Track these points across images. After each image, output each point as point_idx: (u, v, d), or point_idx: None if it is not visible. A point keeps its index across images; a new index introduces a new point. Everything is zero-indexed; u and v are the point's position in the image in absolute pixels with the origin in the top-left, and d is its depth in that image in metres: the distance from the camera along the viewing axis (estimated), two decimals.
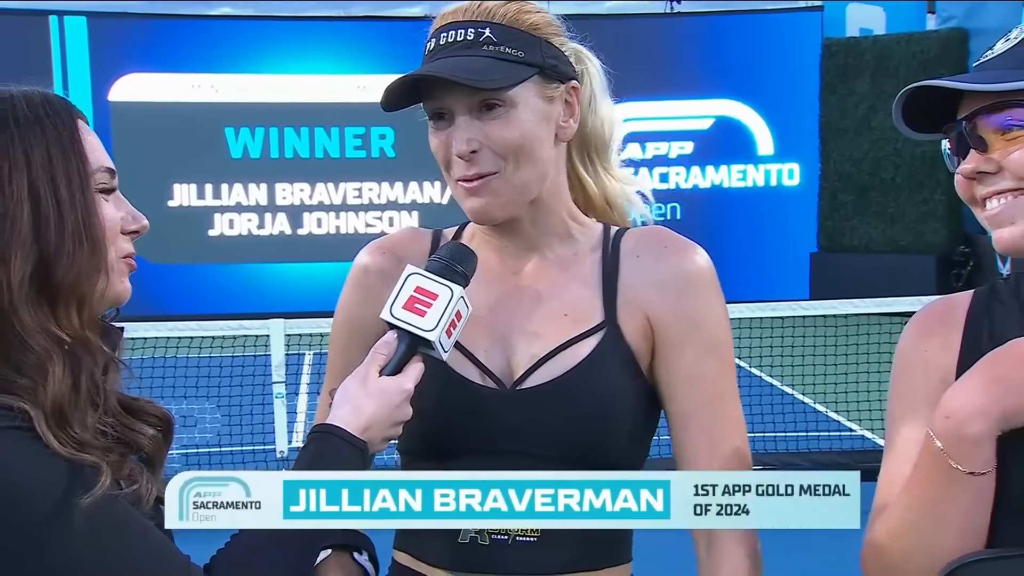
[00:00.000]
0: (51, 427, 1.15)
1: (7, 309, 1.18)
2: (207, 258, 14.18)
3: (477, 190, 1.47)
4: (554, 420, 1.47)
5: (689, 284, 1.51)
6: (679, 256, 1.52)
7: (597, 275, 1.54)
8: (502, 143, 1.45)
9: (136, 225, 1.32)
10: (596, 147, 1.61)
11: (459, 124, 1.46)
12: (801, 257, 14.60)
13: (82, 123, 1.29)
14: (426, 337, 1.38)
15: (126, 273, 1.31)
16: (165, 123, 13.57)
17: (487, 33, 1.46)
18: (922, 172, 13.61)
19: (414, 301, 1.39)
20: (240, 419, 6.89)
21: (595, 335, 1.50)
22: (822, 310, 7.44)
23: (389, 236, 1.66)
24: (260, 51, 14.07)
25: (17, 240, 1.18)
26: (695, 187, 14.82)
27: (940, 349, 1.31)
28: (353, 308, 1.62)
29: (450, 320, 1.39)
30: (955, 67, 13.21)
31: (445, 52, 1.47)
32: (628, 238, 1.56)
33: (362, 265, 1.62)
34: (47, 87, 1.29)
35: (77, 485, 1.14)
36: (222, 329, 6.81)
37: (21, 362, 1.18)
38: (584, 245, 1.57)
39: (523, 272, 1.56)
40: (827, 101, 14.46)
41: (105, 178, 1.28)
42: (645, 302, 1.51)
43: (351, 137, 14.42)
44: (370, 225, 14.34)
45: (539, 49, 1.48)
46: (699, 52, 14.57)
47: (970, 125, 1.27)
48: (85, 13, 14.25)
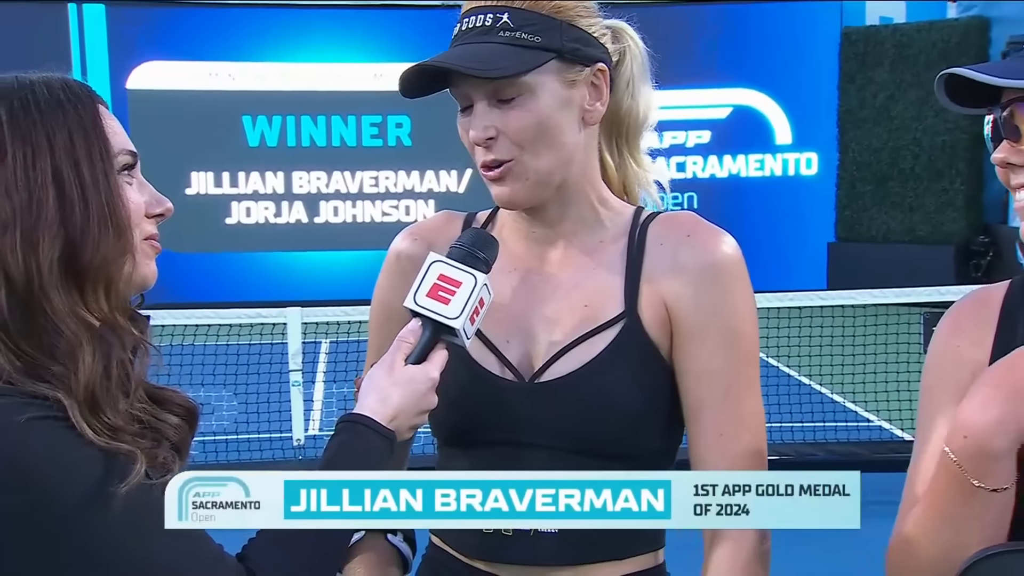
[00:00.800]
0: (84, 415, 1.16)
1: (38, 293, 1.18)
2: (224, 246, 14.22)
3: (499, 177, 1.47)
4: (573, 413, 1.46)
5: (709, 273, 1.48)
6: (702, 244, 1.49)
7: (621, 263, 1.52)
8: (518, 130, 1.44)
9: (160, 208, 1.32)
10: (628, 131, 1.59)
11: (477, 111, 1.46)
12: (819, 247, 14.55)
13: (102, 107, 1.29)
14: (450, 325, 1.38)
15: (151, 255, 1.31)
16: (183, 111, 13.60)
17: (504, 18, 1.44)
18: (941, 162, 13.53)
19: (437, 289, 1.39)
20: (257, 407, 6.91)
21: (615, 326, 1.48)
22: (840, 300, 7.40)
23: (423, 221, 1.66)
24: (277, 39, 14.08)
25: (44, 224, 1.19)
26: (712, 176, 14.78)
27: (972, 345, 1.29)
28: (386, 294, 1.62)
29: (473, 307, 1.39)
30: (976, 55, 13.12)
31: (464, 39, 1.46)
32: (656, 224, 1.54)
33: (395, 251, 1.62)
34: (66, 74, 1.29)
35: (113, 473, 1.15)
36: (239, 317, 6.82)
37: (54, 347, 1.18)
38: (611, 232, 1.54)
39: (548, 259, 1.55)
40: (846, 90, 14.38)
41: (128, 160, 1.28)
42: (664, 291, 1.49)
43: (368, 125, 14.42)
44: (387, 214, 14.36)
45: (559, 32, 1.45)
46: (717, 41, 14.51)
47: (1007, 113, 1.25)
48: (104, 1, 14.28)
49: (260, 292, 12.65)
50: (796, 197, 14.66)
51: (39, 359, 1.18)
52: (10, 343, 1.18)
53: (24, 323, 1.19)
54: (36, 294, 1.18)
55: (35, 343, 1.19)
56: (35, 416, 1.14)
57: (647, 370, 1.48)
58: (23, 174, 1.19)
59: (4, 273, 1.18)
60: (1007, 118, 1.25)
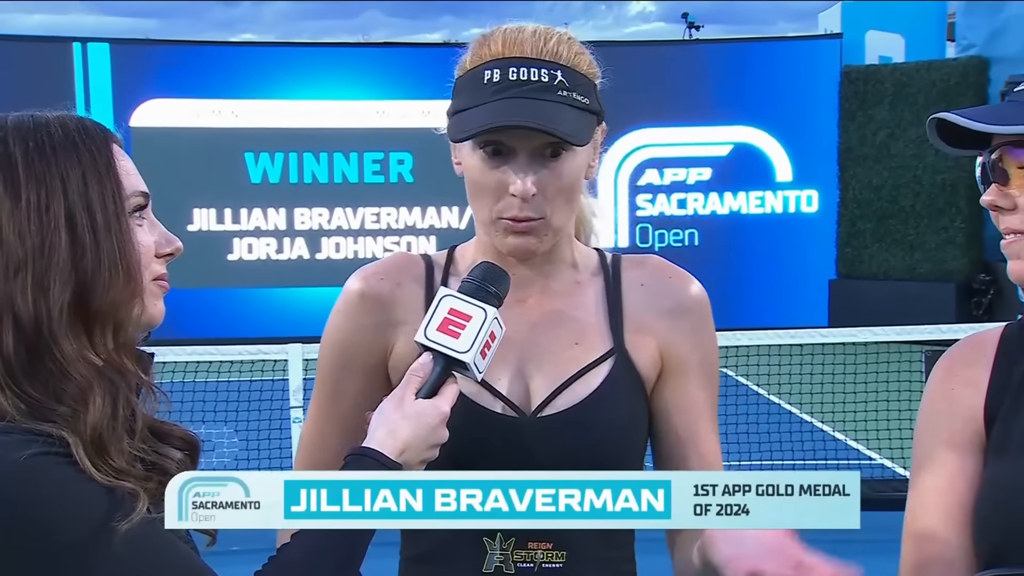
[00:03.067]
0: (89, 455, 1.15)
1: (47, 337, 1.17)
2: (226, 282, 14.22)
3: (526, 231, 1.47)
4: (575, 446, 1.48)
5: (695, 314, 1.56)
6: (683, 287, 1.57)
7: (602, 302, 1.56)
8: (557, 188, 1.45)
9: (170, 248, 1.31)
10: None
11: (520, 164, 1.44)
12: (820, 284, 14.54)
13: (117, 147, 1.28)
14: (461, 359, 1.37)
15: (159, 295, 1.30)
16: (186, 148, 13.65)
17: (560, 77, 1.43)
18: (942, 199, 13.56)
19: (448, 323, 1.38)
20: (258, 443, 6.89)
21: (606, 362, 1.52)
22: (841, 337, 7.39)
23: (381, 261, 1.64)
24: (280, 77, 14.15)
25: (55, 268, 1.18)
26: (713, 213, 14.80)
27: (966, 388, 1.29)
28: (344, 335, 1.59)
29: (484, 341, 1.39)
30: (975, 95, 13.19)
31: (519, 91, 1.43)
32: (630, 266, 1.59)
33: (356, 290, 1.58)
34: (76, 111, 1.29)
35: (115, 510, 1.14)
36: (240, 353, 6.81)
37: (61, 391, 1.17)
38: (584, 273, 1.58)
39: (528, 300, 1.56)
40: (846, 128, 14.44)
41: (139, 202, 1.28)
42: (655, 331, 1.54)
43: (370, 162, 14.46)
44: (388, 250, 14.36)
45: (596, 94, 1.49)
46: (718, 79, 14.58)
47: (996, 156, 1.25)
48: (108, 40, 14.38)
49: (262, 328, 12.63)
50: (797, 234, 14.67)
51: (44, 402, 1.17)
52: (15, 386, 1.17)
53: (31, 366, 1.18)
54: (45, 337, 1.18)
55: (41, 386, 1.18)
56: (37, 452, 1.13)
57: (636, 403, 1.54)
58: (36, 217, 1.18)
59: (13, 316, 1.17)
60: (995, 161, 1.25)
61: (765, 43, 15.47)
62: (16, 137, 1.21)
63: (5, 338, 1.17)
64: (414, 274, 1.58)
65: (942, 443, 1.28)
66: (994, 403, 1.24)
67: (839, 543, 4.61)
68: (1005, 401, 1.26)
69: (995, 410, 1.26)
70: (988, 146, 1.26)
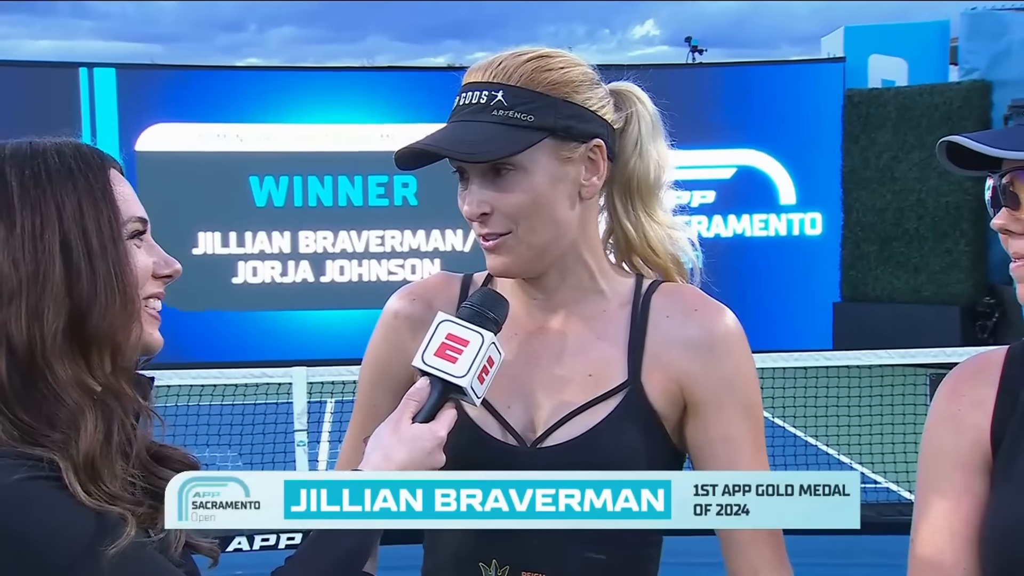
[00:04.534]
0: (81, 480, 1.15)
1: (40, 363, 1.18)
2: (230, 305, 14.23)
3: (493, 249, 1.48)
4: None
5: (719, 346, 1.50)
6: (709, 319, 1.52)
7: (624, 333, 1.53)
8: (511, 207, 1.45)
9: (169, 269, 1.32)
10: (640, 191, 1.58)
11: (471, 188, 1.47)
12: (824, 307, 14.52)
13: (115, 173, 1.29)
14: (458, 383, 1.38)
15: (154, 324, 1.30)
16: (191, 172, 13.69)
17: (499, 97, 1.44)
18: (946, 222, 13.55)
19: (445, 348, 1.39)
20: (262, 467, 6.87)
21: (617, 395, 1.49)
22: (845, 360, 7.37)
23: (420, 282, 1.67)
24: (285, 101, 14.20)
25: (50, 295, 1.18)
26: (717, 236, 14.79)
27: (972, 408, 1.29)
28: (381, 353, 1.63)
29: (481, 366, 1.38)
30: (978, 119, 13.20)
31: (459, 115, 1.47)
32: (659, 296, 1.55)
33: (392, 310, 1.62)
34: (77, 138, 1.30)
35: (103, 535, 1.13)
36: (244, 377, 6.80)
37: (54, 416, 1.17)
38: (613, 301, 1.55)
39: (549, 327, 1.55)
40: (849, 151, 14.45)
41: (137, 227, 1.28)
42: (674, 365, 1.50)
43: (374, 185, 14.48)
44: (392, 273, 14.37)
45: (553, 110, 1.45)
46: (721, 102, 14.61)
47: (1007, 180, 1.25)
48: (114, 65, 14.44)
49: (266, 351, 12.63)
50: (801, 257, 14.66)
51: (37, 427, 1.17)
52: (8, 411, 1.17)
53: (24, 391, 1.18)
54: (39, 363, 1.18)
55: (34, 412, 1.18)
56: (26, 477, 1.12)
57: (649, 438, 1.49)
58: (31, 245, 1.19)
59: (7, 342, 1.17)
60: (1006, 186, 1.25)
61: (768, 67, 15.51)
62: (12, 166, 1.22)
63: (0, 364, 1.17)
64: (448, 296, 1.60)
65: (949, 464, 1.27)
66: (1000, 424, 1.24)
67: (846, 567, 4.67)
68: (1011, 423, 1.26)
69: (1001, 432, 1.25)
70: (995, 167, 1.26)
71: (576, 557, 1.47)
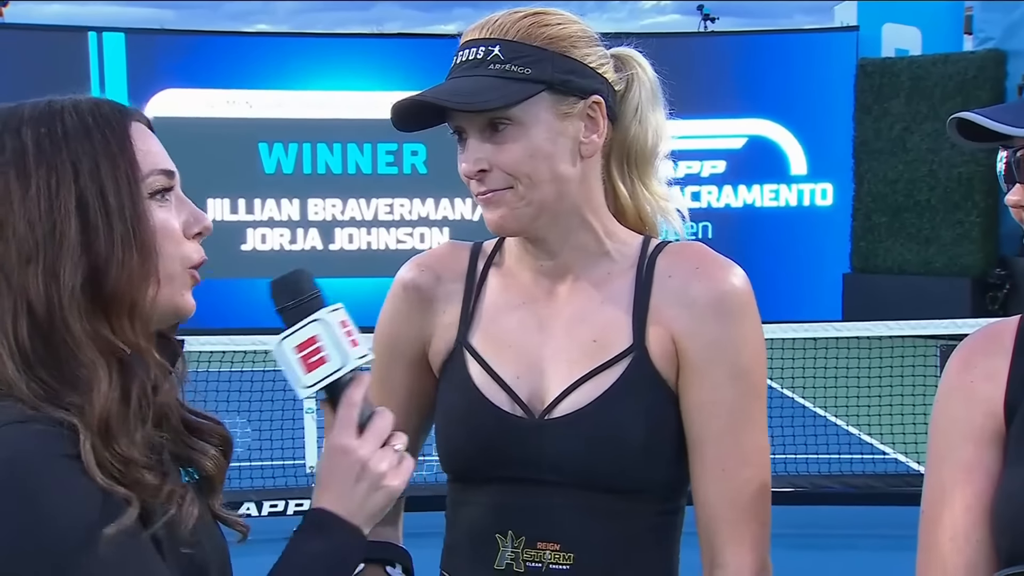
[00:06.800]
0: (96, 446, 1.14)
1: (59, 323, 1.17)
2: (239, 272, 14.23)
3: (489, 203, 1.46)
4: (582, 449, 1.45)
5: (718, 307, 1.46)
6: (710, 277, 1.48)
7: (629, 296, 1.50)
8: (509, 163, 1.43)
9: (199, 226, 1.29)
10: (636, 158, 1.56)
11: (469, 145, 1.45)
12: (834, 278, 14.50)
13: (139, 127, 1.27)
14: (349, 372, 1.29)
15: (188, 286, 1.28)
16: (200, 138, 13.67)
17: (495, 51, 1.43)
18: (958, 194, 13.50)
19: (307, 359, 1.29)
20: (271, 434, 6.90)
21: (623, 360, 1.47)
22: (855, 332, 7.38)
23: (429, 251, 1.65)
24: (294, 68, 14.17)
25: (66, 254, 1.17)
26: (727, 206, 14.77)
27: (985, 380, 1.26)
28: (392, 327, 1.62)
29: (347, 340, 1.29)
30: (992, 89, 13.12)
31: (456, 72, 1.46)
32: (664, 256, 1.52)
33: (402, 281, 1.61)
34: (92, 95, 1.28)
35: (106, 514, 1.12)
36: (253, 344, 6.81)
37: (75, 376, 1.17)
38: (619, 264, 1.52)
39: (555, 292, 1.53)
40: (861, 121, 14.38)
41: (160, 181, 1.26)
42: (672, 324, 1.47)
43: (383, 153, 14.47)
44: (401, 241, 14.38)
45: (551, 64, 1.44)
46: (733, 71, 14.54)
47: (1022, 155, 1.24)
48: (124, 30, 14.41)
49: (275, 319, 12.62)
50: (811, 228, 14.63)
51: (58, 388, 1.16)
52: (30, 372, 1.16)
53: (46, 352, 1.17)
54: (57, 323, 1.17)
55: (56, 372, 1.17)
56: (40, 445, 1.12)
57: (656, 404, 1.47)
58: (47, 204, 1.18)
59: (27, 304, 1.17)
60: (1021, 159, 1.24)
61: (781, 36, 15.41)
62: (29, 126, 1.21)
63: (20, 326, 1.17)
64: (455, 268, 1.58)
65: (960, 436, 1.26)
66: (1014, 396, 1.23)
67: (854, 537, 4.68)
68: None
69: (1016, 403, 1.24)
70: (1007, 139, 1.25)
71: (591, 527, 1.47)
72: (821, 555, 5.52)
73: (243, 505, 5.50)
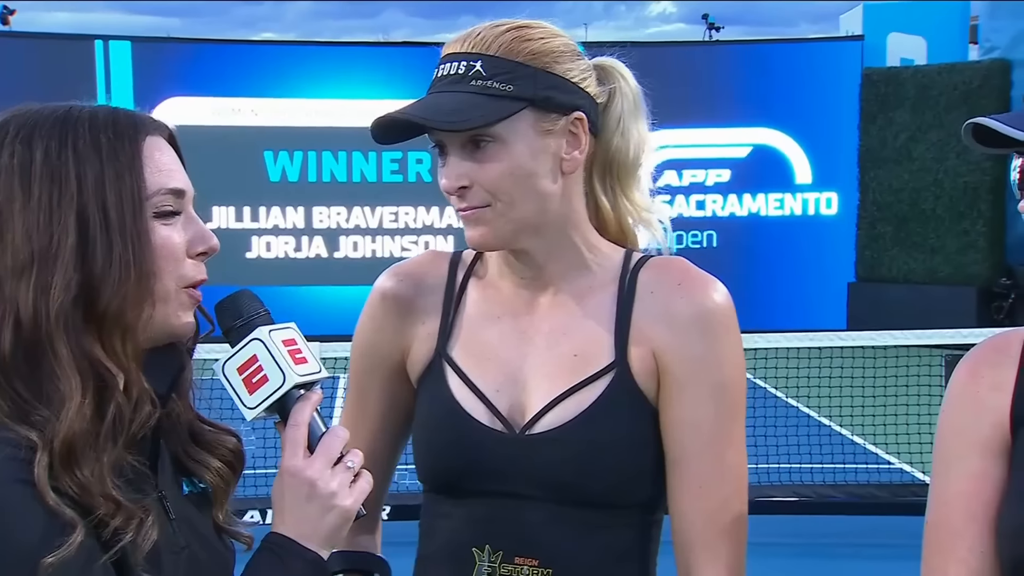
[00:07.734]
0: (54, 466, 1.10)
1: (43, 338, 1.14)
2: (244, 280, 14.07)
3: (470, 220, 1.45)
4: (562, 465, 1.44)
5: (699, 323, 1.45)
6: (692, 293, 1.47)
7: (611, 311, 1.49)
8: (490, 181, 1.42)
9: (203, 246, 1.26)
10: (618, 171, 1.54)
11: (450, 160, 1.44)
12: (839, 287, 14.48)
13: (155, 140, 1.25)
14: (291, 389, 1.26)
15: (189, 307, 1.25)
16: (205, 146, 13.64)
17: (477, 67, 1.42)
18: (963, 203, 13.47)
19: (249, 380, 1.26)
20: (275, 442, 6.87)
21: (605, 376, 1.46)
22: (860, 341, 7.36)
23: (408, 260, 1.63)
24: (300, 76, 14.18)
25: (59, 269, 1.15)
26: (732, 215, 14.75)
27: (992, 390, 1.26)
28: (369, 338, 1.60)
29: (288, 358, 1.25)
30: (997, 98, 13.10)
31: (437, 87, 1.45)
32: (646, 270, 1.51)
33: (379, 290, 1.59)
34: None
35: (47, 544, 1.07)
36: None
37: (50, 393, 1.14)
38: (600, 277, 1.51)
39: (537, 305, 1.52)
40: (867, 130, 14.36)
41: (168, 200, 1.23)
42: (653, 340, 1.46)
43: (388, 161, 14.47)
44: (406, 249, 14.38)
45: (533, 80, 1.42)
46: (738, 80, 14.53)
47: None
48: (130, 38, 14.44)
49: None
50: (816, 237, 14.60)
51: (30, 403, 1.13)
52: (6, 383, 1.14)
53: (25, 365, 1.15)
54: (41, 338, 1.14)
55: (34, 387, 1.14)
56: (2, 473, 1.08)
57: (637, 420, 1.46)
58: (46, 217, 1.16)
59: (15, 315, 1.15)
60: None
61: (786, 45, 15.42)
62: (42, 135, 1.18)
63: (4, 337, 1.14)
64: (435, 277, 1.57)
65: (967, 445, 1.26)
66: (1021, 406, 1.22)
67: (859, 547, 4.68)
68: None
69: (1022, 413, 1.24)
70: (1022, 146, 1.24)
71: (570, 542, 1.45)
72: (826, 564, 5.50)
73: (247, 513, 5.50)
